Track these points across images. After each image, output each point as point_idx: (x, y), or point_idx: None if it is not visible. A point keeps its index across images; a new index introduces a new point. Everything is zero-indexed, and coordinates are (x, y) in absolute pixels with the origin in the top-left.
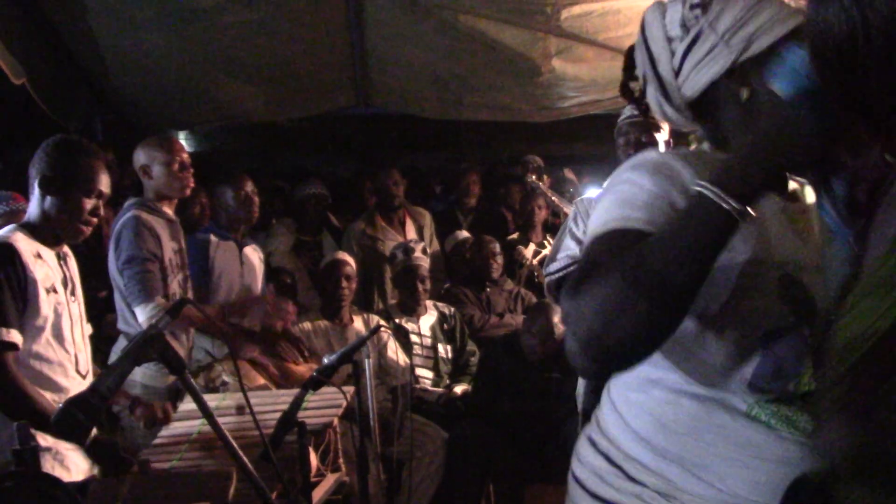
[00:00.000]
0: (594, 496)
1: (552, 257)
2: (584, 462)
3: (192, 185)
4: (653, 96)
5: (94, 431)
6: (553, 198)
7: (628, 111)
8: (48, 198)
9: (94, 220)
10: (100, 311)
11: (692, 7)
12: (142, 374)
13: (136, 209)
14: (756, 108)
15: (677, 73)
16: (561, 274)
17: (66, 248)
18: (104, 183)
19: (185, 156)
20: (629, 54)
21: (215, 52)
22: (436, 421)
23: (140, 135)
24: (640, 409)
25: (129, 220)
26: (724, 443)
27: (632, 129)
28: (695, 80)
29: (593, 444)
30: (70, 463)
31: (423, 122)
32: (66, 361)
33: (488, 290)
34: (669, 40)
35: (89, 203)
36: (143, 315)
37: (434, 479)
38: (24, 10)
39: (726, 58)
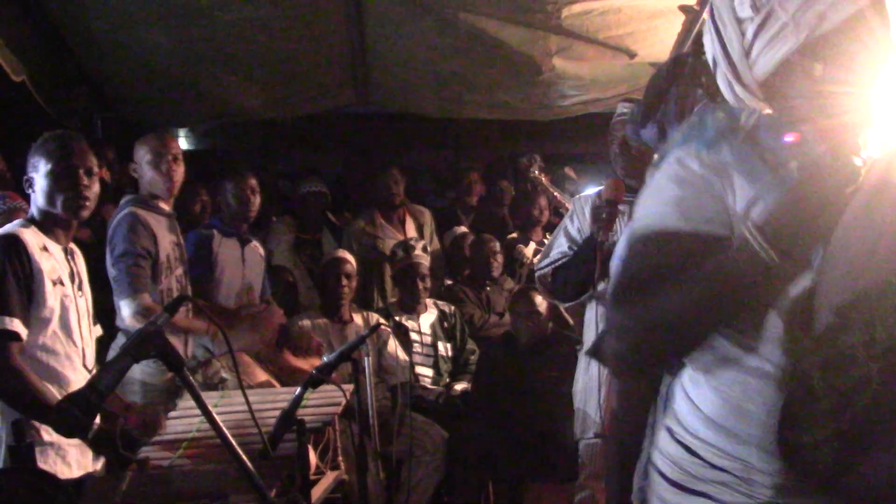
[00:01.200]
0: (676, 485)
1: (546, 253)
2: (664, 452)
3: (177, 183)
4: (723, 78)
5: (98, 422)
6: (555, 193)
7: (621, 109)
8: (34, 194)
9: (85, 192)
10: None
11: None
12: (140, 371)
13: (132, 205)
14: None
15: (748, 54)
16: (549, 269)
17: (73, 245)
18: (78, 157)
19: (174, 153)
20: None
21: (215, 50)
22: (435, 419)
23: (139, 132)
24: (712, 392)
25: (124, 217)
26: None
27: (623, 129)
28: (767, 59)
29: (671, 432)
30: (72, 458)
31: (423, 120)
32: (74, 355)
33: (488, 288)
34: (739, 21)
35: (68, 178)
36: (127, 310)
37: (433, 477)
38: (24, 7)
39: (798, 35)
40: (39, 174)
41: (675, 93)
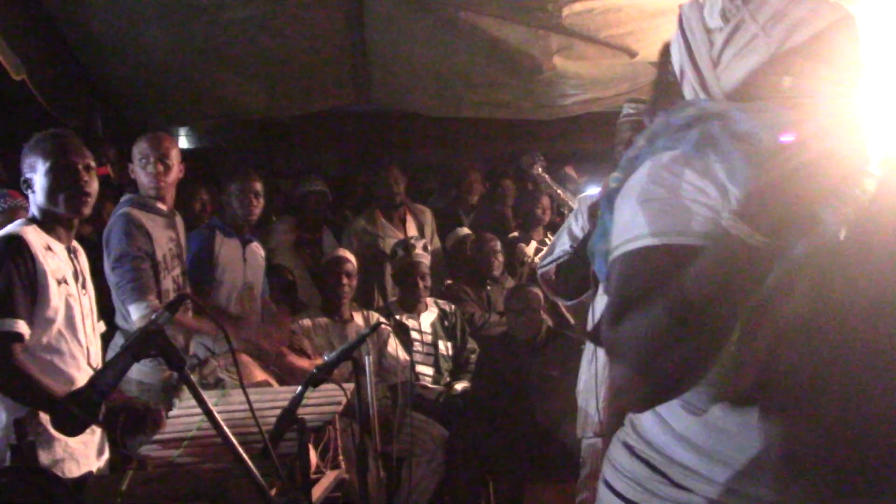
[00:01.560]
0: None
1: (549, 251)
2: (621, 469)
3: (163, 182)
4: (689, 88)
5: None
6: (559, 191)
7: (627, 109)
8: (33, 194)
9: (85, 188)
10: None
11: None
12: (137, 370)
13: (128, 206)
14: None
15: (716, 64)
16: (552, 267)
17: (75, 243)
18: (74, 153)
19: (161, 153)
20: (664, 50)
21: (216, 48)
22: (436, 419)
23: (140, 131)
24: (686, 411)
25: (118, 218)
26: None
27: (630, 129)
28: (735, 70)
29: (630, 449)
30: (80, 455)
31: (424, 119)
32: (79, 354)
33: (489, 287)
34: (709, 31)
35: (65, 175)
36: (136, 313)
37: (434, 476)
38: (24, 5)
39: (768, 47)
40: (38, 173)
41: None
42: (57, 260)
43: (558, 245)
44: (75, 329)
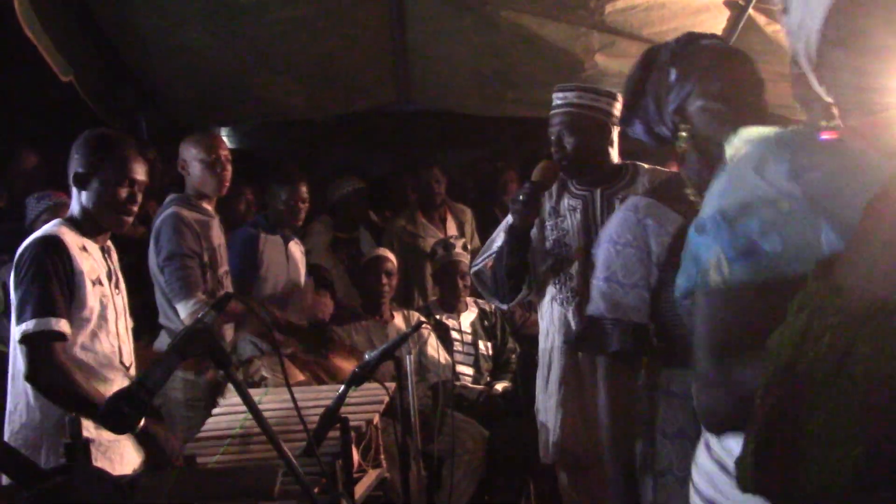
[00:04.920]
0: (709, 502)
1: (485, 249)
2: (700, 466)
3: (227, 183)
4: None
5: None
6: None
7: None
8: (83, 192)
9: (133, 207)
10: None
11: None
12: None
13: (176, 205)
14: None
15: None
16: (483, 264)
17: (109, 242)
18: (137, 171)
19: (225, 153)
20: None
21: (258, 50)
22: (476, 418)
23: (183, 132)
24: None
25: (168, 217)
26: None
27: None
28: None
29: (708, 448)
30: (114, 454)
31: (464, 118)
32: (111, 353)
33: None
34: None
35: (123, 192)
36: (184, 311)
37: (474, 476)
38: (72, 8)
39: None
40: (96, 178)
41: (652, 87)
42: (91, 260)
43: (495, 241)
44: (108, 329)
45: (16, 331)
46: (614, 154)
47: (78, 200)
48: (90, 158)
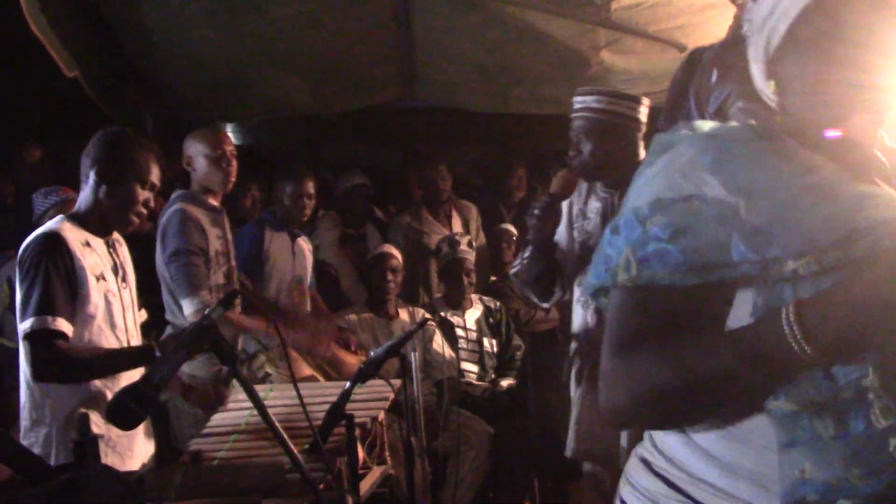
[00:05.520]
0: None
1: (523, 250)
2: (637, 486)
3: (233, 178)
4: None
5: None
6: None
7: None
8: (103, 186)
9: (145, 211)
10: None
11: None
12: (187, 364)
13: (182, 202)
14: None
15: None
16: (519, 268)
17: (116, 235)
18: (156, 175)
19: (230, 149)
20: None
21: (264, 46)
22: (481, 415)
23: (188, 127)
24: (710, 424)
25: (174, 213)
26: None
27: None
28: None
29: (647, 464)
30: (123, 449)
31: (470, 115)
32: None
33: None
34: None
35: (142, 194)
36: (189, 308)
37: (479, 473)
38: (77, 3)
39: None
40: (111, 181)
41: (693, 88)
42: (94, 256)
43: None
44: (115, 323)
45: (19, 329)
46: (643, 155)
47: (94, 193)
48: (118, 153)
